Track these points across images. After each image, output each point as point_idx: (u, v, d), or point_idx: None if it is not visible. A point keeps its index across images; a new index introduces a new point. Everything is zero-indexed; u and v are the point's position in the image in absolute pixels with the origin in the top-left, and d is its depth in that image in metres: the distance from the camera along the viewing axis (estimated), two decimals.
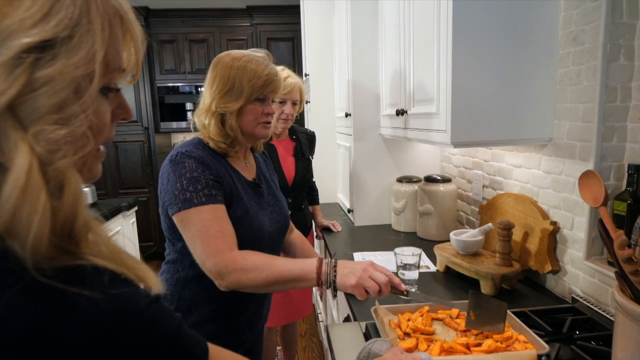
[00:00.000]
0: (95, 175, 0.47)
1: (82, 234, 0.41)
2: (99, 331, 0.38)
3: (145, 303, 0.42)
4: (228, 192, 1.10)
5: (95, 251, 0.42)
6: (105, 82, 0.43)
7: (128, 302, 0.41)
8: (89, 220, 0.42)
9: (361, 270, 0.98)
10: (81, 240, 0.41)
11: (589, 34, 1.11)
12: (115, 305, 0.39)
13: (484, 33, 1.21)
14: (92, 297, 0.38)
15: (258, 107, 1.14)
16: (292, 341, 2.32)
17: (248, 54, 1.15)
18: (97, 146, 0.45)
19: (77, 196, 0.40)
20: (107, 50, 0.41)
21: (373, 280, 0.97)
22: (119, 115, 0.48)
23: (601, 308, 1.10)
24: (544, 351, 0.86)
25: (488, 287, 1.28)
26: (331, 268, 1.00)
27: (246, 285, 1.01)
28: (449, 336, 0.98)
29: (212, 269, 1.01)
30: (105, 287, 0.40)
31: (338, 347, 1.00)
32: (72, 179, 0.39)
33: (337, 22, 2.52)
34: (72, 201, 0.39)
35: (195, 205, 1.03)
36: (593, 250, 1.16)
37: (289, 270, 1.01)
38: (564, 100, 1.22)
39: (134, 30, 0.46)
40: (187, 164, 1.07)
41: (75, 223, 0.40)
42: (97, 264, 0.41)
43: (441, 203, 1.85)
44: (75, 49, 0.38)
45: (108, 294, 0.39)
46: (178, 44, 4.32)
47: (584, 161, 1.15)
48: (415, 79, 1.54)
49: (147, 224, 4.38)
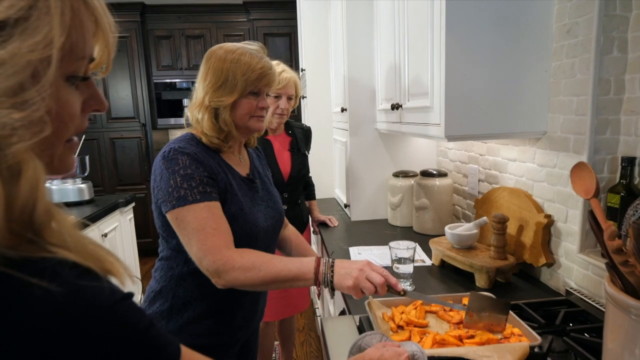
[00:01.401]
0: (68, 167, 0.46)
1: (44, 222, 0.40)
2: (58, 325, 0.36)
3: (113, 300, 0.41)
4: (222, 188, 1.09)
5: (60, 241, 0.41)
6: (71, 70, 0.42)
7: (92, 297, 0.39)
8: (51, 207, 0.41)
9: (358, 271, 0.98)
10: (44, 229, 0.40)
11: (583, 26, 1.11)
12: (78, 299, 0.38)
13: (478, 26, 1.21)
14: (52, 290, 0.36)
15: (252, 101, 1.13)
16: (290, 336, 2.32)
17: (241, 47, 1.13)
18: (68, 137, 0.44)
19: (36, 182, 0.38)
20: (70, 36, 0.40)
21: (369, 282, 0.97)
22: (91, 106, 0.47)
23: (594, 300, 1.10)
24: (537, 343, 0.86)
25: (483, 280, 1.28)
26: (328, 268, 1.00)
27: (244, 283, 1.01)
28: (442, 329, 0.99)
29: (209, 267, 1.00)
30: (68, 280, 0.38)
31: (332, 340, 1.00)
32: (30, 164, 0.38)
33: (333, 18, 2.51)
34: (30, 187, 0.38)
35: (190, 203, 1.02)
36: (587, 243, 1.16)
37: (287, 269, 1.00)
38: (558, 93, 1.22)
39: (100, 18, 0.44)
40: (181, 161, 1.05)
41: (35, 210, 0.39)
42: (63, 256, 0.40)
43: (437, 197, 1.85)
44: (31, 31, 0.37)
45: (71, 287, 0.38)
46: (174, 40, 4.31)
47: (578, 154, 1.15)
48: (410, 73, 1.54)
49: (145, 220, 4.38)
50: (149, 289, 1.19)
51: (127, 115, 4.29)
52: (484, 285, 1.28)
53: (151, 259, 4.36)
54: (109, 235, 2.65)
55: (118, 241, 2.82)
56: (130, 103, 4.27)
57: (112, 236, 2.72)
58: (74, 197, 2.64)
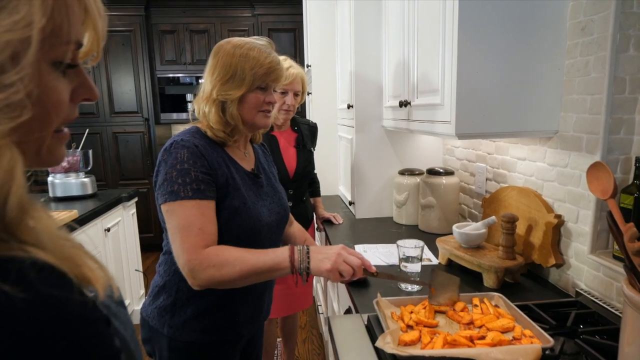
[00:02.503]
0: (58, 158, 0.44)
1: (16, 217, 0.36)
2: (9, 340, 0.31)
3: (80, 319, 0.35)
4: (223, 182, 1.09)
5: (35, 240, 0.36)
6: (56, 55, 0.40)
7: (58, 311, 0.34)
8: (25, 202, 0.37)
9: (335, 255, 1.03)
10: (17, 226, 0.36)
11: (598, 24, 1.09)
12: (40, 310, 0.33)
13: (490, 23, 1.19)
14: (13, 295, 0.32)
15: (260, 96, 1.12)
16: (293, 333, 2.32)
17: (250, 42, 1.13)
18: (56, 126, 0.42)
19: (10, 173, 0.35)
20: (52, 18, 0.38)
21: (347, 264, 1.02)
22: (81, 94, 0.45)
23: (606, 302, 1.09)
24: (549, 345, 0.85)
25: (491, 280, 1.27)
26: (304, 255, 1.03)
27: (219, 281, 1.01)
28: (452, 329, 0.97)
29: (184, 266, 1.01)
30: (35, 286, 0.33)
31: (340, 339, 0.99)
32: (5, 153, 0.35)
33: (340, 13, 2.49)
34: (3, 178, 0.35)
35: (182, 199, 1.03)
36: (598, 244, 1.14)
37: (261, 262, 1.02)
38: (571, 92, 1.20)
39: (89, 4, 0.43)
40: (179, 155, 1.05)
41: (7, 204, 0.35)
42: (36, 257, 0.35)
43: (443, 196, 1.84)
44: (9, 10, 0.35)
45: (35, 294, 0.33)
46: (179, 34, 4.29)
47: (591, 154, 1.13)
48: (420, 69, 1.52)
49: (147, 215, 4.38)
50: (153, 284, 1.19)
51: (130, 109, 4.27)
52: (492, 285, 1.27)
53: (153, 254, 4.35)
54: (112, 230, 2.65)
55: (121, 236, 2.81)
56: (134, 97, 4.25)
57: (115, 231, 2.71)
58: (77, 191, 2.64)
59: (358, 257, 1.05)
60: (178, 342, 1.14)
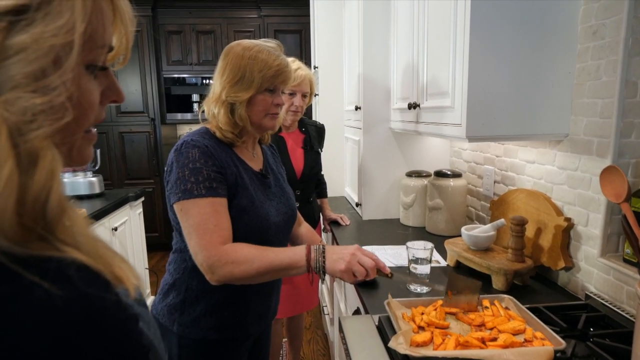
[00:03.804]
0: (86, 158, 0.45)
1: (56, 216, 0.37)
2: (54, 337, 0.32)
3: (117, 318, 0.36)
4: (232, 182, 1.10)
5: (72, 240, 0.38)
6: (91, 59, 0.41)
7: (96, 309, 0.35)
8: (64, 202, 0.38)
9: (349, 255, 1.05)
10: (56, 225, 0.37)
11: (610, 28, 1.09)
12: (79, 308, 0.34)
13: (502, 26, 1.20)
14: (53, 293, 0.33)
15: (268, 98, 1.14)
16: (298, 333, 2.33)
17: (259, 44, 1.14)
18: (87, 127, 0.43)
19: (52, 173, 0.36)
20: (90, 23, 0.40)
21: (360, 265, 1.04)
22: (109, 97, 0.46)
23: (616, 305, 1.09)
24: (561, 347, 0.85)
25: (500, 282, 1.27)
26: (320, 254, 1.06)
27: (238, 277, 1.03)
28: (463, 330, 0.98)
29: (203, 262, 1.03)
30: (74, 284, 0.35)
31: (351, 339, 1.00)
32: (48, 154, 0.36)
33: (348, 15, 2.50)
34: (46, 178, 0.36)
35: (195, 197, 1.04)
36: (608, 247, 1.15)
37: (279, 260, 1.05)
38: (582, 96, 1.20)
39: (121, 7, 0.44)
40: (191, 154, 1.07)
41: (48, 202, 0.36)
42: (73, 256, 0.36)
43: (451, 198, 1.84)
44: (53, 16, 0.36)
45: (74, 292, 0.34)
46: (185, 35, 4.31)
47: (602, 157, 1.13)
48: (429, 72, 1.53)
49: (153, 214, 4.40)
50: (163, 282, 1.20)
51: (137, 109, 4.29)
52: (500, 288, 1.27)
53: (157, 253, 4.37)
54: (119, 230, 2.66)
55: (127, 235, 2.83)
56: (140, 97, 4.27)
57: (122, 230, 2.73)
58: (84, 190, 2.65)
59: (372, 259, 1.07)
60: (187, 340, 1.15)
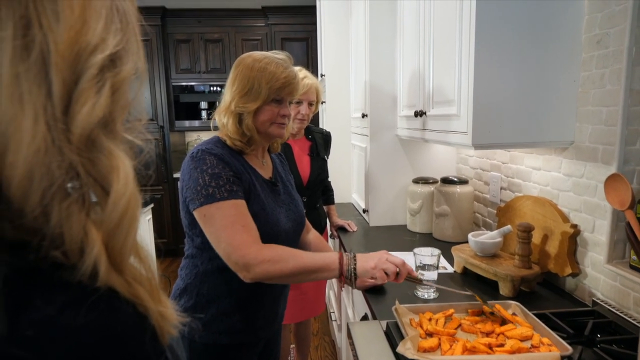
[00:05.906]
0: None
1: (131, 251, 0.37)
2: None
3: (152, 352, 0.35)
4: (246, 188, 1.14)
5: (137, 275, 0.36)
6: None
7: (139, 344, 0.34)
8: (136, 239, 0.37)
9: (379, 255, 1.14)
10: (126, 258, 0.36)
11: (614, 37, 1.11)
12: (116, 351, 0.33)
13: (507, 35, 1.22)
14: (92, 329, 0.31)
15: (274, 108, 1.17)
16: (306, 339, 2.34)
17: (269, 56, 1.17)
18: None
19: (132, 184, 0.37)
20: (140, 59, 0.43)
21: (391, 263, 1.12)
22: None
23: (623, 312, 1.10)
24: (568, 353, 0.86)
25: (507, 289, 1.28)
26: (351, 259, 1.12)
27: (273, 275, 1.06)
28: (470, 337, 0.99)
29: (238, 261, 1.05)
30: (117, 324, 0.33)
31: (360, 344, 1.01)
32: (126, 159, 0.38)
33: (355, 23, 2.53)
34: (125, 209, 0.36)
35: (218, 200, 1.07)
36: (615, 254, 1.15)
37: (313, 261, 1.10)
38: (587, 104, 1.22)
39: (138, 32, 0.48)
40: (208, 161, 1.10)
41: (129, 236, 0.36)
42: (138, 293, 0.35)
43: (458, 204, 1.85)
44: (129, 54, 0.39)
45: (115, 333, 0.33)
46: (194, 43, 4.37)
47: (607, 165, 1.14)
48: (435, 80, 1.55)
49: (161, 221, 4.43)
50: (175, 287, 1.23)
51: None
52: (507, 294, 1.28)
53: (166, 259, 4.40)
54: None
55: None
56: (149, 105, 4.33)
57: None
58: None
59: (400, 259, 1.14)
60: (198, 344, 1.17)
